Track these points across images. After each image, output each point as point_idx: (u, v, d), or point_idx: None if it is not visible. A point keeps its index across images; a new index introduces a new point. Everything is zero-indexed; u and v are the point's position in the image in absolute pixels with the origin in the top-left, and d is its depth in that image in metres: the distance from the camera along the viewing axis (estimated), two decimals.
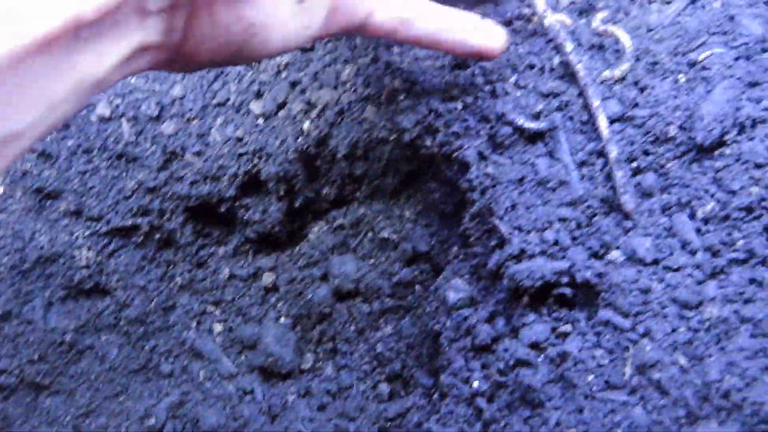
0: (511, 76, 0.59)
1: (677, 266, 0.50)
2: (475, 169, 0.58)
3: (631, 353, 0.50)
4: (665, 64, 0.55)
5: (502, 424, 0.54)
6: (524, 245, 0.54)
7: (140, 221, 0.71)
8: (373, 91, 0.62)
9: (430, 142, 0.60)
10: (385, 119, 0.61)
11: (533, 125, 0.56)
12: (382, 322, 0.69)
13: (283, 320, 0.74)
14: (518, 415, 0.54)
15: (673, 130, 0.52)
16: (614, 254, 0.53)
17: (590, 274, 0.52)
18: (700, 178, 0.52)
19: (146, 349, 0.73)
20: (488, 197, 0.57)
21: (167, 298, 0.73)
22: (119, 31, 0.37)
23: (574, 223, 0.54)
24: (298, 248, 0.74)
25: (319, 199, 0.71)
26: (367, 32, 0.51)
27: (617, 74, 0.55)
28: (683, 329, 0.48)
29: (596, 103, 0.55)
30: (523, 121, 0.57)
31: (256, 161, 0.68)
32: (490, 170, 0.58)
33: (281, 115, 0.67)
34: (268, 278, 0.75)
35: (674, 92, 0.53)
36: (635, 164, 0.54)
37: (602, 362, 0.51)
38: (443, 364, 0.60)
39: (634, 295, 0.51)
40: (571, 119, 0.57)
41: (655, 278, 0.51)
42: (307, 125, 0.65)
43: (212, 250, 0.76)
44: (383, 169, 0.66)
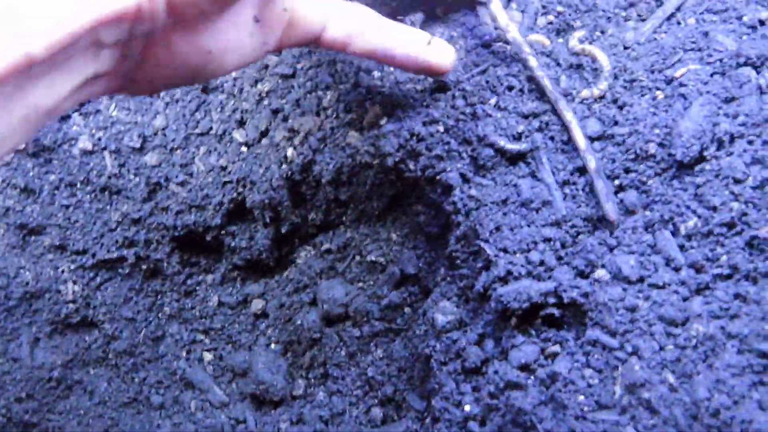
0: (491, 97, 0.59)
1: (662, 283, 0.50)
2: (458, 191, 0.58)
3: (620, 372, 0.50)
4: (643, 81, 0.55)
5: None
6: (510, 266, 0.54)
7: (126, 253, 0.70)
8: (355, 116, 0.62)
9: (413, 165, 0.61)
10: (367, 144, 0.61)
11: (515, 146, 0.57)
12: (372, 345, 0.69)
13: (273, 346, 0.73)
14: None
15: (652, 147, 0.53)
16: (600, 273, 0.53)
17: (577, 293, 0.52)
18: (681, 194, 0.52)
19: (136, 381, 0.72)
20: (473, 219, 0.57)
21: (156, 328, 0.73)
22: (72, 64, 0.37)
23: (558, 242, 0.54)
24: (286, 274, 0.74)
25: (305, 224, 0.71)
26: (321, 44, 0.53)
27: (596, 93, 0.56)
28: (671, 347, 0.48)
29: (568, 115, 0.55)
30: (504, 142, 0.57)
31: (240, 189, 0.68)
32: (473, 192, 0.58)
33: (264, 142, 0.67)
34: (257, 305, 0.75)
35: (653, 109, 0.54)
36: (617, 182, 0.54)
37: (592, 382, 0.51)
38: (434, 387, 0.60)
39: (620, 313, 0.51)
40: (552, 139, 0.57)
41: (641, 296, 0.51)
42: (290, 152, 0.65)
43: (200, 278, 0.75)
44: (368, 193, 0.66)
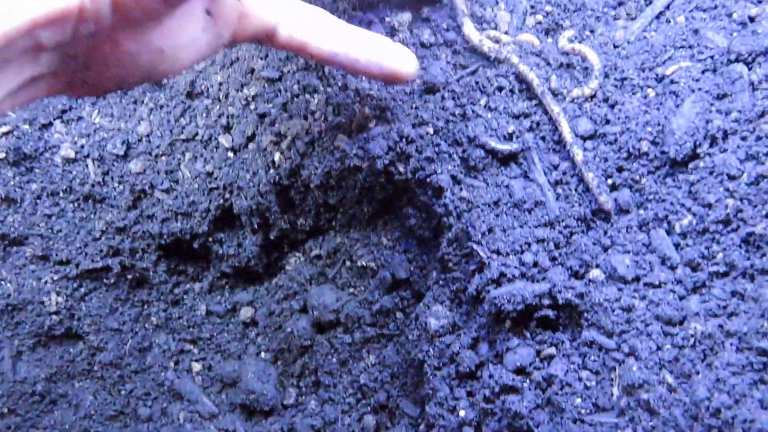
0: (480, 98, 0.58)
1: (658, 282, 0.50)
2: (449, 193, 0.58)
3: (617, 374, 0.49)
4: (634, 79, 0.55)
5: None
6: (503, 268, 0.53)
7: (111, 262, 0.69)
8: (343, 119, 0.61)
9: (403, 168, 0.60)
10: (356, 147, 0.60)
11: (506, 147, 0.56)
12: (364, 352, 0.68)
13: (263, 355, 0.72)
14: None
15: (645, 145, 0.52)
16: (595, 273, 0.52)
17: (572, 294, 0.52)
18: (675, 192, 0.51)
19: (123, 393, 0.70)
20: (465, 221, 0.57)
21: (143, 338, 0.71)
22: (8, 67, 0.36)
23: (552, 243, 0.54)
24: (275, 281, 0.73)
25: (294, 230, 0.69)
26: (277, 44, 0.51)
27: (587, 92, 0.55)
28: (668, 347, 0.48)
29: (556, 109, 0.55)
30: (495, 143, 0.56)
31: (227, 195, 0.67)
32: (464, 194, 0.57)
33: (251, 147, 0.65)
34: (246, 313, 0.73)
35: (644, 107, 0.53)
36: (610, 181, 0.54)
37: (589, 384, 0.50)
38: (428, 392, 0.59)
39: (616, 314, 0.50)
40: (543, 139, 0.56)
41: (637, 296, 0.50)
42: (278, 157, 0.64)
43: (187, 287, 0.74)
44: (358, 197, 0.65)
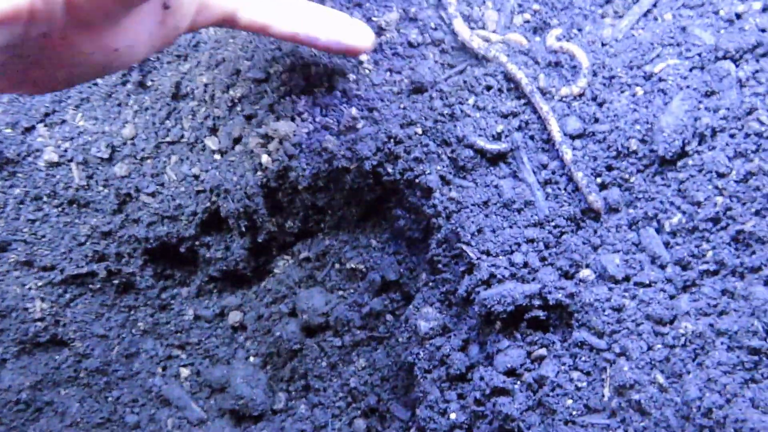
0: (469, 97, 0.58)
1: (648, 282, 0.50)
2: (438, 194, 0.57)
3: (608, 374, 0.49)
4: (622, 78, 0.54)
5: None
6: (493, 269, 0.53)
7: (96, 267, 0.68)
8: (330, 120, 0.61)
9: (391, 168, 0.59)
10: (344, 148, 0.60)
11: (495, 146, 0.55)
12: (354, 355, 0.67)
13: (252, 360, 0.71)
14: None
15: (634, 143, 0.52)
16: (585, 273, 0.52)
17: (562, 294, 0.51)
18: (664, 190, 0.51)
19: (110, 400, 0.69)
20: (454, 222, 0.56)
21: (130, 344, 0.70)
22: None
23: (542, 243, 0.53)
24: (264, 284, 0.72)
25: (282, 232, 0.69)
26: (238, 26, 0.52)
27: (575, 90, 0.55)
28: (659, 346, 0.47)
29: (545, 107, 0.54)
30: (484, 142, 0.56)
31: (214, 198, 0.66)
32: (453, 194, 0.56)
33: (238, 149, 0.65)
34: (234, 317, 0.73)
35: (633, 106, 0.53)
36: (599, 179, 0.54)
37: (580, 385, 0.50)
38: (419, 395, 0.58)
39: (607, 313, 0.50)
40: (532, 138, 0.56)
41: (627, 295, 0.50)
42: (265, 159, 0.63)
43: (175, 291, 0.73)
44: (346, 198, 0.64)
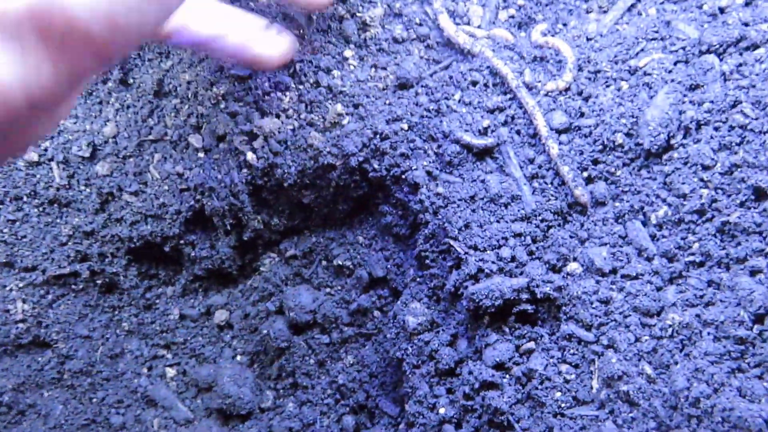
0: (455, 93, 0.58)
1: (635, 274, 0.50)
2: (425, 189, 0.57)
3: (597, 366, 0.49)
4: (607, 72, 0.55)
5: None
6: (481, 264, 0.53)
7: (79, 267, 0.67)
8: (316, 116, 0.60)
9: (377, 164, 0.59)
10: (330, 144, 0.60)
11: (481, 141, 0.56)
12: (342, 352, 0.67)
13: (239, 358, 0.71)
14: None
15: (620, 137, 0.52)
16: (572, 266, 0.52)
17: (550, 288, 0.51)
18: (650, 183, 0.51)
19: (94, 401, 0.69)
20: (441, 217, 0.56)
21: (114, 345, 0.70)
22: None
23: (529, 237, 0.54)
24: (250, 282, 0.71)
25: (268, 230, 0.68)
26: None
27: (561, 85, 0.55)
28: (647, 338, 0.48)
29: (531, 102, 0.54)
30: (470, 138, 0.56)
31: (199, 196, 0.65)
32: (440, 190, 0.56)
33: (222, 147, 0.64)
34: (220, 316, 0.72)
35: (618, 100, 0.53)
36: (585, 173, 0.54)
37: (569, 378, 0.50)
38: (408, 391, 0.58)
39: (595, 306, 0.50)
40: (518, 133, 0.56)
41: (614, 288, 0.50)
42: (250, 156, 0.62)
43: (160, 291, 0.72)
44: (332, 195, 0.64)
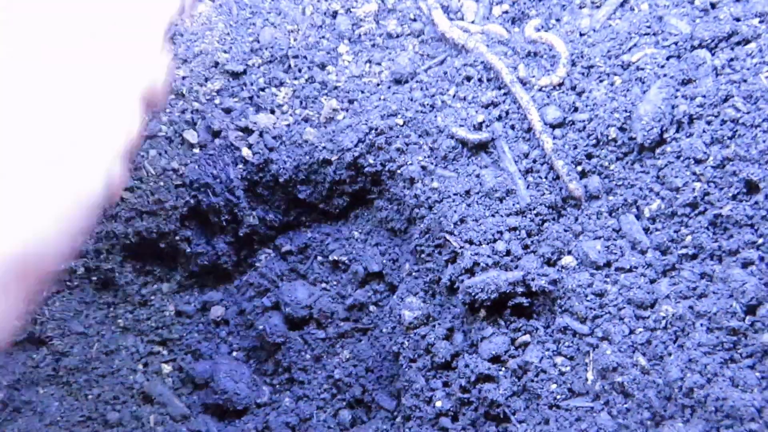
0: (449, 88, 0.58)
1: (629, 267, 0.51)
2: (420, 184, 0.57)
3: (591, 358, 0.50)
4: (600, 67, 0.55)
5: None
6: (476, 258, 0.53)
7: (74, 264, 0.67)
8: (311, 112, 0.61)
9: (372, 159, 0.59)
10: (325, 140, 0.60)
11: (476, 136, 0.56)
12: (338, 347, 0.67)
13: (235, 354, 0.71)
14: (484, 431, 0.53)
15: (613, 131, 0.53)
16: (567, 260, 0.53)
17: (545, 281, 0.52)
18: (643, 177, 0.52)
19: (90, 398, 0.68)
20: (436, 212, 0.56)
21: (110, 341, 0.70)
22: None
23: (524, 231, 0.54)
24: (245, 278, 0.71)
25: (264, 226, 0.68)
26: None
27: (555, 80, 0.55)
28: (641, 330, 0.48)
29: (525, 97, 0.55)
30: (465, 132, 0.56)
31: (194, 192, 0.65)
32: (435, 184, 0.57)
33: (218, 143, 0.64)
34: (216, 312, 0.72)
35: (611, 94, 0.54)
36: (579, 168, 0.54)
37: (564, 370, 0.51)
38: (404, 385, 0.58)
39: (589, 299, 0.51)
40: (512, 128, 0.56)
41: (608, 281, 0.51)
42: (245, 151, 0.63)
43: (155, 287, 0.72)
44: (328, 190, 0.64)
